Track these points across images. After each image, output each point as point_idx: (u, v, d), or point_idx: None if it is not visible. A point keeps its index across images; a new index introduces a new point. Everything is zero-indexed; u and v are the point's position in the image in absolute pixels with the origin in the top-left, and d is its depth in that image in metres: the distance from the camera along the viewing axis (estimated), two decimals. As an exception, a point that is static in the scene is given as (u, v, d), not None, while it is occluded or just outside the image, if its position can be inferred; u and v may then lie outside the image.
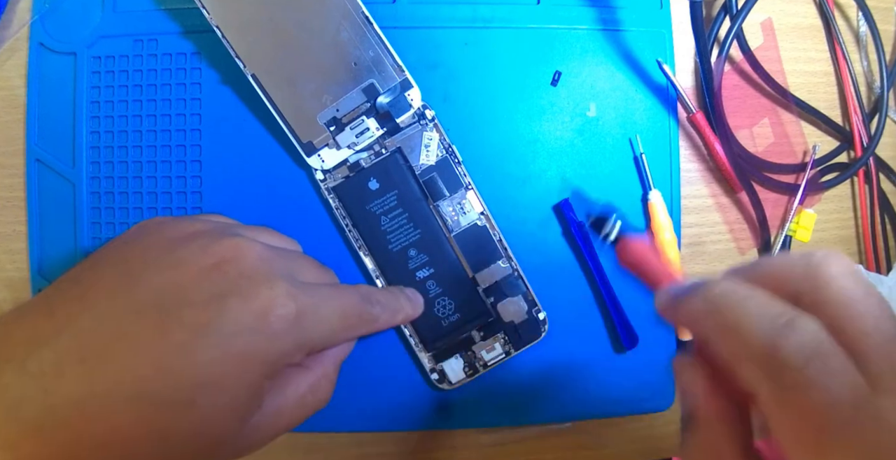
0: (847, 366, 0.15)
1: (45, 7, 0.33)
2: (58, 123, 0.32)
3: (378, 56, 0.29)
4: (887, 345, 0.16)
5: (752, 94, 0.36)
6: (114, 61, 0.32)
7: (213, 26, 0.29)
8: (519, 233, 0.33)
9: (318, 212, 0.32)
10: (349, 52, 0.29)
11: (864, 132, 0.36)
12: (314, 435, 0.33)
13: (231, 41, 0.29)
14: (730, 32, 0.34)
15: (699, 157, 0.35)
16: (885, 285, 0.35)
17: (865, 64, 0.38)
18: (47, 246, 0.33)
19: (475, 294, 0.31)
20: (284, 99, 0.29)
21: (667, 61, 0.34)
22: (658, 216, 0.33)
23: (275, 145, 0.32)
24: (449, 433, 0.34)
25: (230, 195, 0.33)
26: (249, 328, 0.22)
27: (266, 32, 0.29)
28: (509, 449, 0.34)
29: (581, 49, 0.34)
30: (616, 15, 0.34)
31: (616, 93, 0.34)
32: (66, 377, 0.20)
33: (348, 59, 0.29)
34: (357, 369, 0.33)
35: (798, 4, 0.37)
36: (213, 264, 0.23)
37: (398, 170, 0.31)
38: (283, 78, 0.29)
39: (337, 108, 0.30)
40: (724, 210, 0.36)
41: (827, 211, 0.37)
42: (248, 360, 0.22)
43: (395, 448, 0.34)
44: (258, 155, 0.33)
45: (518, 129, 0.33)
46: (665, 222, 0.33)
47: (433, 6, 0.33)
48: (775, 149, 0.36)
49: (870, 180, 0.37)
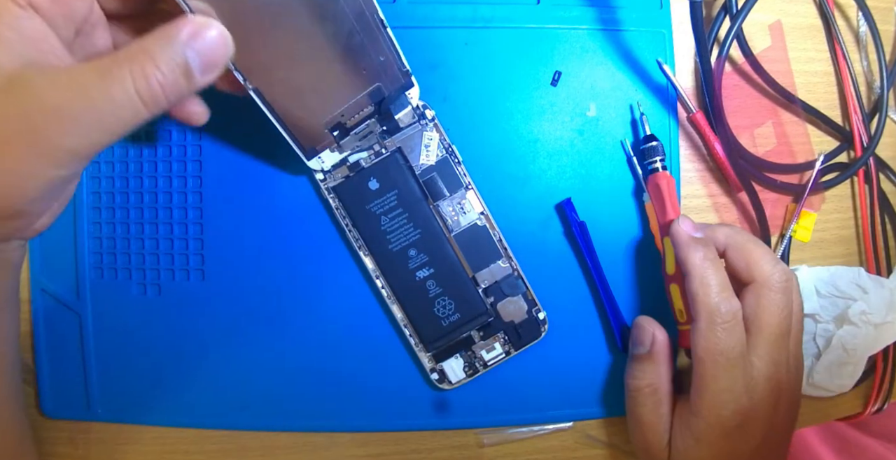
0: (740, 334, 0.28)
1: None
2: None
3: (388, 60, 0.29)
4: (771, 336, 0.28)
5: (753, 94, 0.36)
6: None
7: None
8: (519, 233, 0.33)
9: (319, 212, 0.32)
10: (359, 59, 0.28)
11: (864, 132, 0.36)
12: (314, 435, 0.33)
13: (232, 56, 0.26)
14: (730, 32, 0.34)
15: (699, 157, 0.35)
16: (886, 288, 0.35)
17: (865, 64, 0.38)
18: (48, 246, 0.33)
19: (475, 294, 0.31)
20: (287, 109, 0.28)
21: (667, 61, 0.34)
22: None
23: (274, 145, 0.32)
24: (449, 433, 0.34)
25: (230, 194, 0.33)
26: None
27: (270, 42, 0.26)
28: (509, 449, 0.34)
29: (581, 49, 0.34)
30: (616, 15, 0.34)
31: (616, 93, 0.34)
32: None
33: (358, 65, 0.28)
34: (357, 369, 0.33)
35: (798, 4, 0.37)
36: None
37: (398, 170, 0.31)
38: (288, 88, 0.27)
39: (342, 113, 0.29)
40: (724, 210, 0.36)
41: (827, 211, 0.37)
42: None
43: (395, 448, 0.34)
44: (258, 153, 0.33)
45: (518, 129, 0.33)
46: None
47: (433, 6, 0.33)
48: (775, 150, 0.36)
49: (870, 180, 0.37)
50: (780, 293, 0.28)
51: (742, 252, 0.29)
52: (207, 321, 0.33)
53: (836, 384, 0.35)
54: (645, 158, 0.33)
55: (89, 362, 0.32)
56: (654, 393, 0.30)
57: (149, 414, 0.33)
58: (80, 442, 0.33)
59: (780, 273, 0.28)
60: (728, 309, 0.27)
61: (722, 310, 0.27)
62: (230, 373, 0.33)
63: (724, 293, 0.28)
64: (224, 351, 0.33)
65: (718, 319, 0.27)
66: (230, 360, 0.33)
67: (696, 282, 0.28)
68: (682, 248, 0.30)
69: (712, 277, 0.28)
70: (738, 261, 0.30)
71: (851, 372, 0.35)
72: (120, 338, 0.33)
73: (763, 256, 0.29)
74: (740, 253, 0.30)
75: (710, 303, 0.28)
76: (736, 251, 0.30)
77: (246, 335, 0.33)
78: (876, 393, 0.37)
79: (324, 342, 0.33)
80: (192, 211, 0.33)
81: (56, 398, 0.33)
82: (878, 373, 0.36)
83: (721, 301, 0.28)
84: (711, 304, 0.28)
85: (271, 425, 0.33)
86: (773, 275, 0.28)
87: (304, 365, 0.33)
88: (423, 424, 0.33)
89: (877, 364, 0.36)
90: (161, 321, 0.33)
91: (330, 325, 0.33)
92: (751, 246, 0.29)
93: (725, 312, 0.27)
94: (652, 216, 0.33)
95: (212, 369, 0.33)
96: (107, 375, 0.33)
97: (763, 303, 0.28)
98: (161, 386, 0.33)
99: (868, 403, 0.37)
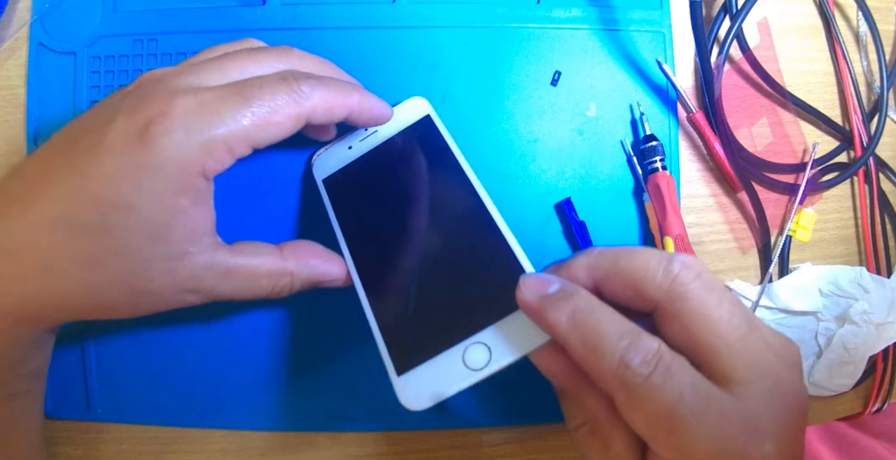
0: (686, 369, 0.20)
1: (45, 7, 0.33)
2: (58, 123, 0.32)
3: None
4: (738, 343, 0.20)
5: (752, 94, 0.36)
6: (114, 61, 0.32)
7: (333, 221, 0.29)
8: (519, 233, 0.32)
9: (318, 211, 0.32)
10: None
11: (864, 132, 0.36)
12: (314, 435, 0.33)
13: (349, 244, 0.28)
14: (730, 32, 0.34)
15: (699, 157, 0.35)
16: (888, 287, 0.35)
17: (865, 64, 0.38)
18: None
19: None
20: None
21: (667, 61, 0.34)
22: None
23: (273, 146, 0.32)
24: (449, 433, 0.34)
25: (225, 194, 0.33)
26: (135, 140, 0.22)
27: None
28: (509, 449, 0.34)
29: (581, 49, 0.34)
30: (616, 15, 0.34)
31: (616, 93, 0.34)
32: (11, 216, 0.22)
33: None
34: (357, 369, 0.33)
35: (798, 4, 0.37)
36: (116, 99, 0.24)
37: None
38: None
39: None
40: (724, 210, 0.36)
41: (827, 211, 0.37)
42: (143, 171, 0.22)
43: (395, 448, 0.34)
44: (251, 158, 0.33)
45: (518, 129, 0.33)
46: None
47: (433, 6, 0.33)
48: (775, 149, 0.36)
49: (870, 180, 0.37)
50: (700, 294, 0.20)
51: (618, 277, 0.22)
52: (207, 320, 0.33)
53: (836, 383, 0.35)
54: (645, 158, 0.32)
55: (89, 362, 0.32)
56: (592, 432, 0.22)
57: (148, 413, 0.33)
58: (80, 442, 0.33)
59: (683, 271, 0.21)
60: (643, 355, 0.19)
61: (635, 363, 0.19)
62: (230, 373, 0.33)
63: (624, 339, 0.20)
64: (224, 350, 0.33)
65: (639, 379, 0.19)
66: (230, 360, 0.33)
67: (580, 351, 0.20)
68: (538, 319, 0.22)
69: (596, 334, 0.20)
70: (620, 290, 0.22)
71: (852, 371, 0.35)
72: (120, 338, 0.33)
73: (646, 266, 0.21)
74: (617, 280, 0.22)
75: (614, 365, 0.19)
76: (611, 281, 0.22)
77: (246, 334, 0.33)
78: (876, 393, 0.37)
79: (324, 341, 0.33)
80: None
81: (56, 398, 0.33)
82: (878, 373, 0.36)
83: (626, 350, 0.19)
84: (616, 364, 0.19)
85: (271, 425, 0.33)
86: (676, 282, 0.21)
87: (304, 365, 0.33)
88: (422, 424, 0.33)
89: (877, 364, 0.36)
90: (161, 321, 0.33)
91: (330, 324, 0.33)
92: (623, 262, 0.22)
93: (640, 363, 0.19)
94: (652, 216, 0.33)
95: (211, 369, 0.33)
96: (107, 375, 0.33)
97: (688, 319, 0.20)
98: (160, 386, 0.33)
99: (868, 403, 0.37)
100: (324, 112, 0.25)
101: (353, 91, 0.26)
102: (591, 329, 0.20)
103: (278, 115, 0.23)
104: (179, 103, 0.22)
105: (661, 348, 0.20)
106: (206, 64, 0.25)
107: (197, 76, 0.24)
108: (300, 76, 0.24)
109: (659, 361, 0.19)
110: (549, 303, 0.21)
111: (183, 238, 0.23)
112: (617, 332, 0.20)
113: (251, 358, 0.33)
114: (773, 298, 0.35)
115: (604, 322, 0.20)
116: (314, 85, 0.24)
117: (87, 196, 0.22)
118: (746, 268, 0.36)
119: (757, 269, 0.36)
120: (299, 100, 0.24)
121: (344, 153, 0.30)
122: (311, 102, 0.24)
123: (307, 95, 0.24)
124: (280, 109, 0.23)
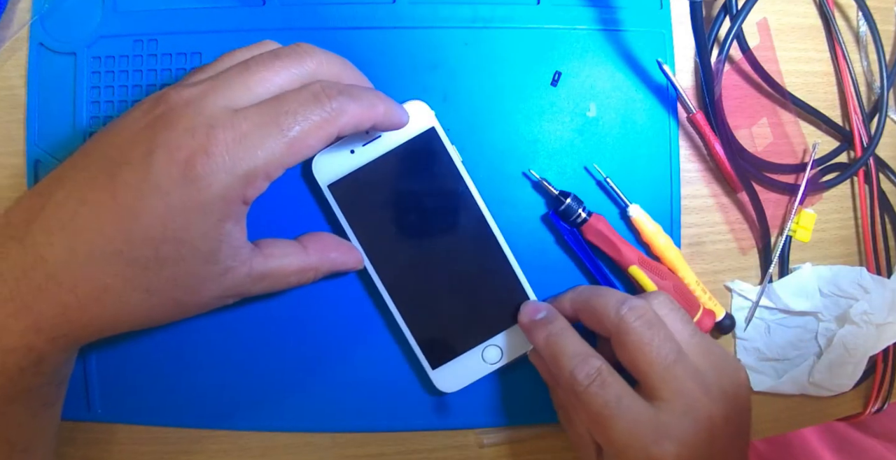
0: (617, 383, 0.27)
1: (45, 7, 0.33)
2: (58, 123, 0.32)
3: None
4: (664, 370, 0.26)
5: (752, 94, 0.36)
6: (114, 61, 0.32)
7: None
8: (519, 234, 0.33)
9: (318, 212, 0.32)
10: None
11: (864, 132, 0.36)
12: (314, 435, 0.33)
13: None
14: (730, 32, 0.34)
15: (699, 157, 0.35)
16: (888, 288, 0.35)
17: (865, 64, 0.38)
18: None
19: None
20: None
21: (667, 61, 0.34)
22: (646, 227, 0.32)
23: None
24: (449, 433, 0.34)
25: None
26: (179, 180, 0.22)
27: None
28: (509, 449, 0.34)
29: (581, 49, 0.34)
30: (616, 15, 0.34)
31: (616, 93, 0.34)
32: (54, 245, 0.23)
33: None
34: (358, 369, 0.33)
35: (798, 4, 0.37)
36: (147, 123, 0.24)
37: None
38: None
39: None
40: (724, 210, 0.36)
41: (827, 211, 0.37)
42: (191, 210, 0.23)
43: (395, 448, 0.34)
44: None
45: (518, 129, 0.33)
46: (654, 229, 0.32)
47: (433, 6, 0.33)
48: (775, 149, 0.36)
49: (870, 180, 0.37)
50: (639, 331, 0.27)
51: (588, 311, 0.29)
52: (207, 321, 0.33)
53: (836, 383, 0.35)
54: (569, 217, 0.32)
55: (89, 362, 0.32)
56: (565, 414, 0.31)
57: (149, 414, 0.33)
58: (80, 442, 0.33)
59: (628, 312, 0.27)
60: (587, 371, 0.27)
61: (580, 377, 0.27)
62: (230, 373, 0.33)
63: (576, 358, 0.27)
64: (224, 350, 0.33)
65: (581, 387, 0.26)
66: (230, 360, 0.33)
67: (549, 362, 0.29)
68: (527, 336, 0.30)
69: (559, 352, 0.28)
70: (589, 321, 0.29)
71: (852, 371, 0.35)
72: (120, 338, 0.33)
73: (605, 306, 0.28)
74: (587, 313, 0.29)
75: (567, 375, 0.27)
76: (583, 312, 0.29)
77: (246, 334, 0.33)
78: (876, 393, 0.37)
79: (324, 342, 0.33)
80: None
81: (56, 398, 0.33)
82: (878, 373, 0.36)
83: (575, 366, 0.27)
84: (568, 375, 0.27)
85: (271, 425, 0.33)
86: (623, 320, 0.27)
87: (304, 365, 0.33)
88: (423, 424, 0.33)
89: (877, 364, 0.36)
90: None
91: (330, 325, 0.33)
92: (592, 301, 0.29)
93: (584, 376, 0.27)
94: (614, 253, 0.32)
95: (212, 369, 0.33)
96: (107, 375, 0.33)
97: (630, 348, 0.27)
98: (161, 386, 0.33)
99: (868, 403, 0.37)
100: (353, 127, 0.26)
101: (379, 102, 0.26)
102: (557, 348, 0.28)
103: (312, 138, 0.24)
104: (220, 139, 0.23)
105: (601, 367, 0.27)
106: (230, 80, 0.24)
107: (224, 97, 0.24)
108: (331, 92, 0.25)
109: (597, 376, 0.27)
110: (534, 325, 0.30)
111: (228, 256, 0.25)
112: (573, 352, 0.28)
113: (251, 359, 0.33)
114: (774, 298, 0.35)
115: (567, 344, 0.28)
116: (344, 102, 0.25)
117: (140, 235, 0.23)
118: (746, 268, 0.36)
119: (757, 270, 0.36)
120: (331, 120, 0.24)
121: (347, 157, 0.30)
122: (343, 120, 0.25)
123: (339, 113, 0.25)
124: (314, 133, 0.24)
